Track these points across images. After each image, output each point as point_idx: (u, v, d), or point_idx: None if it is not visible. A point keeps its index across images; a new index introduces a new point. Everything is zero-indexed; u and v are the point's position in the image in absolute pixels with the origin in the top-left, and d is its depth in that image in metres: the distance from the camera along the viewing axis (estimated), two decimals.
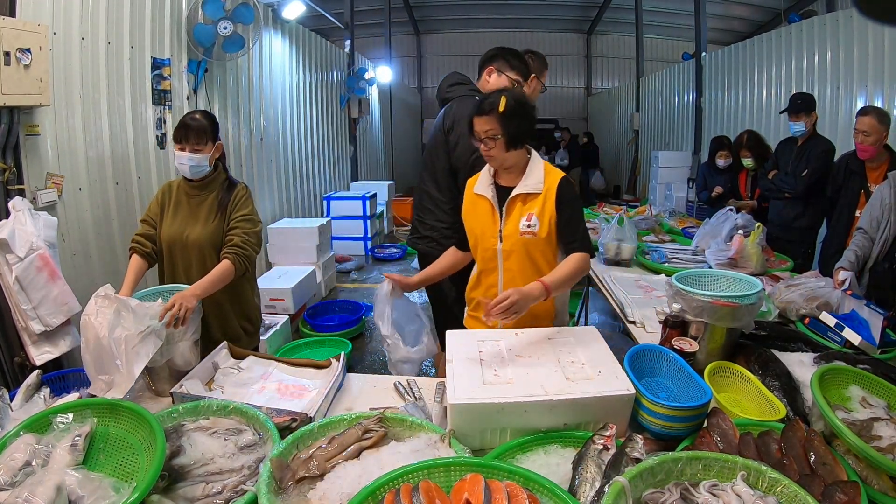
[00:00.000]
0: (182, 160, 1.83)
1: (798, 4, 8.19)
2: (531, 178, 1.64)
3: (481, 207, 1.70)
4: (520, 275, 1.65)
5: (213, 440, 1.18)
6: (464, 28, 12.97)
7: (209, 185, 1.90)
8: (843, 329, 1.69)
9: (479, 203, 1.71)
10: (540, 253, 1.65)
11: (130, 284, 1.76)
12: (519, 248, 1.65)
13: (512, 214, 1.64)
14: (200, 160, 1.84)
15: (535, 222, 1.62)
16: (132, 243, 1.89)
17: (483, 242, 1.70)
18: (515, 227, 1.64)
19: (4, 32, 1.97)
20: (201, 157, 1.84)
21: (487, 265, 1.72)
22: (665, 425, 1.16)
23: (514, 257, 1.66)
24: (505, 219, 1.65)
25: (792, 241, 3.18)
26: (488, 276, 1.73)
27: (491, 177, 1.70)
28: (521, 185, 1.63)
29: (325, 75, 6.39)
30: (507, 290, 1.42)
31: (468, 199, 1.75)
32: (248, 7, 3.48)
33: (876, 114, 2.60)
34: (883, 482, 1.01)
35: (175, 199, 1.91)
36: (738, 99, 5.95)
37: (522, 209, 1.64)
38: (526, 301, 1.42)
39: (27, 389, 1.41)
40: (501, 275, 1.70)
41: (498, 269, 1.70)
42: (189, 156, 1.82)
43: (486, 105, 1.56)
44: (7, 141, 2.13)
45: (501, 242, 1.66)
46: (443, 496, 0.93)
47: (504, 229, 1.65)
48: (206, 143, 1.84)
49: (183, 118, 1.85)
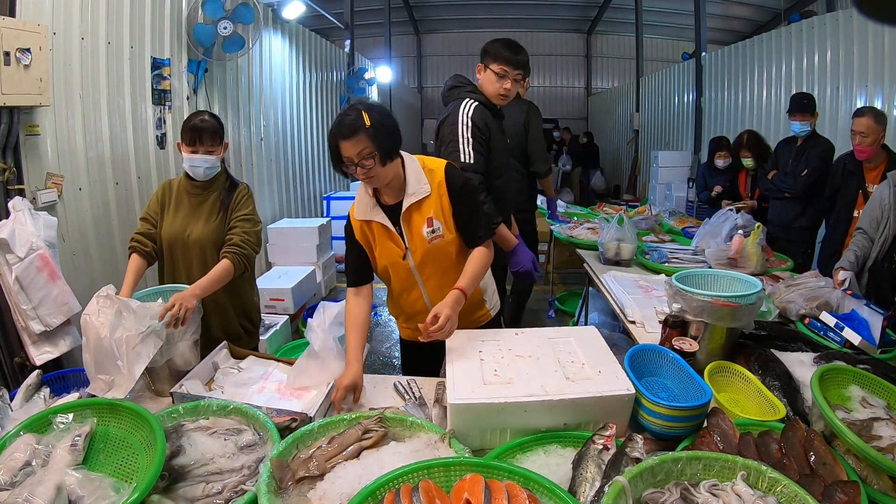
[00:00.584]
0: (196, 162, 1.82)
1: (798, 4, 8.19)
2: (414, 184, 1.52)
3: (377, 233, 1.56)
4: (444, 278, 1.58)
5: (213, 440, 1.18)
6: (464, 28, 12.97)
7: (212, 185, 1.90)
8: (843, 329, 1.69)
9: (370, 230, 1.56)
10: (454, 250, 1.59)
11: (130, 284, 1.76)
12: (432, 257, 1.57)
13: (412, 227, 1.54)
14: (214, 161, 1.85)
15: (437, 226, 1.54)
16: (132, 242, 1.88)
17: (393, 267, 1.59)
18: (420, 237, 1.54)
19: (4, 32, 1.97)
20: (215, 159, 1.85)
21: (405, 285, 1.64)
22: (665, 425, 1.16)
23: (430, 266, 1.58)
24: (407, 235, 1.55)
25: (792, 241, 3.18)
26: (410, 294, 1.66)
27: (372, 198, 1.54)
28: (408, 197, 1.51)
29: (325, 75, 6.40)
30: (436, 308, 1.41)
31: (356, 229, 1.58)
32: (248, 7, 3.48)
33: (872, 114, 2.60)
34: (883, 482, 1.01)
35: (176, 198, 1.91)
36: (738, 99, 5.95)
37: (420, 217, 1.53)
38: (456, 312, 1.43)
39: (27, 389, 1.41)
40: (423, 287, 1.63)
41: (417, 283, 1.62)
42: (203, 157, 1.82)
43: (345, 127, 1.38)
44: (7, 141, 2.13)
45: (412, 259, 1.57)
46: (443, 496, 0.93)
47: (410, 245, 1.55)
48: (218, 143, 1.85)
49: (192, 121, 1.83)
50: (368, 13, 9.94)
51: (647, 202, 5.98)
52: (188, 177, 1.89)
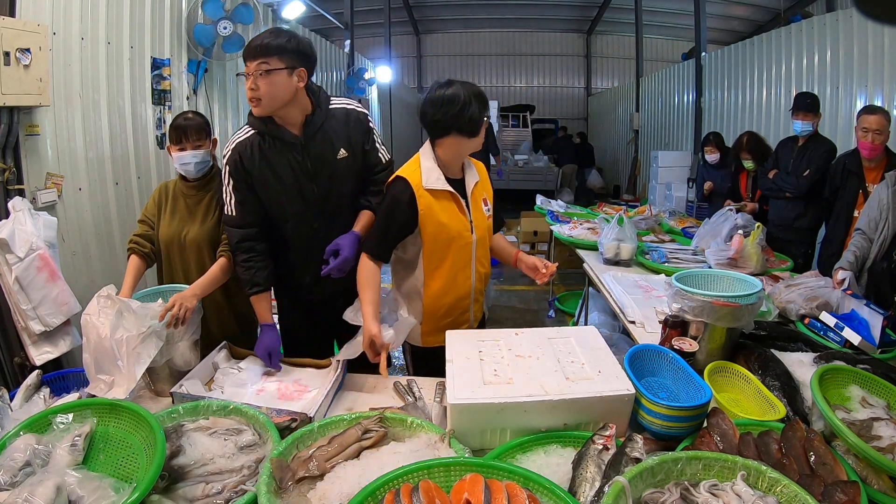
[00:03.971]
0: (185, 159, 1.81)
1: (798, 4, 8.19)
2: (471, 168, 1.72)
3: (446, 204, 1.62)
4: (484, 259, 1.75)
5: (212, 440, 1.18)
6: (464, 28, 12.99)
7: (206, 186, 1.89)
8: (842, 329, 1.69)
9: (442, 199, 1.61)
10: (490, 235, 1.78)
11: (130, 285, 1.75)
12: (486, 235, 1.74)
13: (475, 203, 1.69)
14: (203, 156, 1.83)
15: (489, 206, 1.74)
16: (130, 244, 1.88)
17: (459, 240, 1.65)
18: (481, 213, 1.70)
19: (4, 32, 1.97)
20: (203, 153, 1.82)
21: (460, 264, 1.68)
22: (665, 425, 1.16)
23: (481, 247, 1.72)
24: (472, 208, 1.68)
25: (792, 242, 3.17)
26: (462, 272, 1.69)
27: (439, 169, 1.62)
28: (470, 176, 1.69)
29: (324, 75, 6.39)
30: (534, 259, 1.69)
31: (419, 198, 1.58)
32: (248, 7, 3.48)
33: (883, 112, 2.59)
34: (883, 482, 1.01)
35: (172, 200, 1.90)
36: (738, 99, 5.95)
37: (478, 196, 1.71)
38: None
39: (27, 389, 1.42)
40: (474, 266, 1.71)
41: (471, 262, 1.70)
42: (192, 154, 1.81)
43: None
44: (7, 141, 2.13)
45: (475, 233, 1.68)
46: (443, 496, 0.93)
47: (474, 220, 1.68)
48: (205, 138, 1.83)
49: (175, 121, 1.83)
50: (368, 13, 9.94)
51: (646, 202, 5.97)
52: (182, 178, 1.89)
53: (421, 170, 1.61)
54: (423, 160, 1.62)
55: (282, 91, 1.51)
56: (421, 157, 1.63)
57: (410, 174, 1.60)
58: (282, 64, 1.49)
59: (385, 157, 1.77)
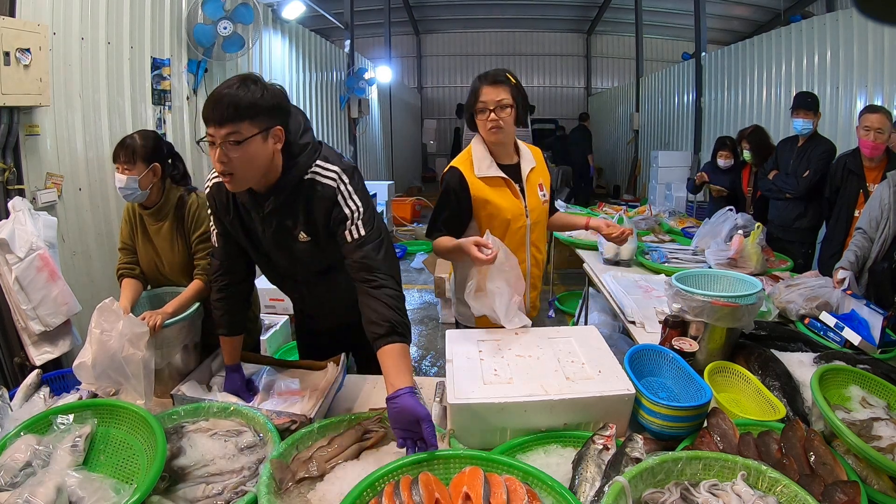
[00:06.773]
0: (117, 181, 1.69)
1: (798, 5, 8.19)
2: (526, 154, 1.76)
3: (499, 190, 1.69)
4: (539, 243, 1.79)
5: (213, 441, 1.18)
6: (464, 28, 12.99)
7: (160, 211, 1.78)
8: (842, 329, 1.69)
9: (495, 185, 1.69)
10: (546, 219, 1.82)
11: (130, 299, 1.73)
12: (542, 219, 1.79)
13: (530, 188, 1.74)
14: (128, 182, 1.67)
15: (545, 191, 1.79)
16: (119, 271, 1.83)
17: (513, 224, 1.71)
18: (536, 198, 1.75)
19: (4, 32, 1.97)
20: (128, 179, 1.67)
21: (513, 245, 1.67)
22: (665, 425, 1.16)
23: (537, 229, 1.77)
24: (527, 193, 1.73)
25: (792, 242, 3.17)
26: (517, 254, 1.63)
27: (490, 157, 1.70)
28: (525, 161, 1.74)
29: (324, 75, 6.39)
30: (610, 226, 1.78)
31: (471, 186, 1.66)
32: (248, 7, 3.48)
33: (885, 111, 2.60)
34: (883, 482, 1.01)
35: (140, 224, 1.82)
36: (738, 99, 5.95)
37: (534, 181, 1.76)
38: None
39: (27, 389, 1.41)
40: (529, 249, 1.75)
41: (526, 246, 1.74)
42: (118, 176, 1.68)
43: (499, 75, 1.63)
44: (7, 141, 2.13)
45: (530, 217, 1.73)
46: (442, 489, 0.93)
47: (528, 205, 1.73)
48: (136, 163, 1.67)
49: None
50: (368, 13, 9.94)
51: (646, 202, 5.97)
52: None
53: (473, 159, 1.70)
54: (475, 150, 1.72)
55: (259, 160, 1.19)
56: (473, 147, 1.73)
57: (462, 163, 1.71)
58: (255, 129, 1.15)
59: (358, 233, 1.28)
